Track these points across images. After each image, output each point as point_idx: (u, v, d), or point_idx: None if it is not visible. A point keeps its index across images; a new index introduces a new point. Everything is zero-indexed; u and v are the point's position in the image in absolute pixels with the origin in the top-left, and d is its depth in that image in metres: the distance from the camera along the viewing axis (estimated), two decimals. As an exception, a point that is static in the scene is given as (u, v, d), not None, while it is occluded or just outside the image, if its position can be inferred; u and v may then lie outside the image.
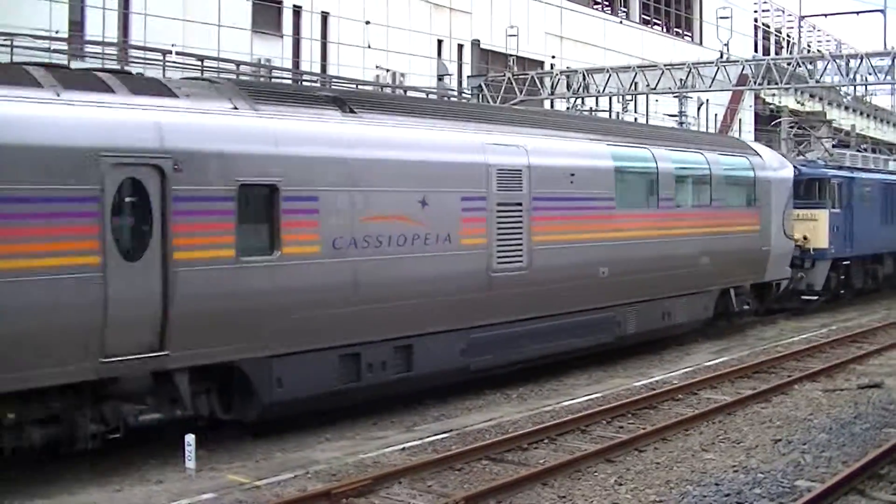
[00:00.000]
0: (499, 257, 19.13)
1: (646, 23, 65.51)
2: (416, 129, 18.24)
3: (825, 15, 75.82)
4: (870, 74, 42.81)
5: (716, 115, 67.71)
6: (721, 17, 55.88)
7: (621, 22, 61.02)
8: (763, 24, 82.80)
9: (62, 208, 12.90)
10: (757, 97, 71.61)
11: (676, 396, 19.27)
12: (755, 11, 79.47)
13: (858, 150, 49.52)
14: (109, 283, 13.21)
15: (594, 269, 21.55)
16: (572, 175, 21.17)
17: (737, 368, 22.02)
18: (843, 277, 34.75)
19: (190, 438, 14.06)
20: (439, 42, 49.14)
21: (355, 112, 17.25)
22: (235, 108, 15.34)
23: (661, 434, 16.14)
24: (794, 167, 31.65)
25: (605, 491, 13.22)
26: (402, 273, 17.21)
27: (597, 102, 50.72)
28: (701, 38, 68.90)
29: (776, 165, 29.83)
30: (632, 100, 54.48)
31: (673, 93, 46.77)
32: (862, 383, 20.56)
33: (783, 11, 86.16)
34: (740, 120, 71.02)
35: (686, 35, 69.68)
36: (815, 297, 33.44)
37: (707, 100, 64.02)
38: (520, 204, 19.62)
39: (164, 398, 14.38)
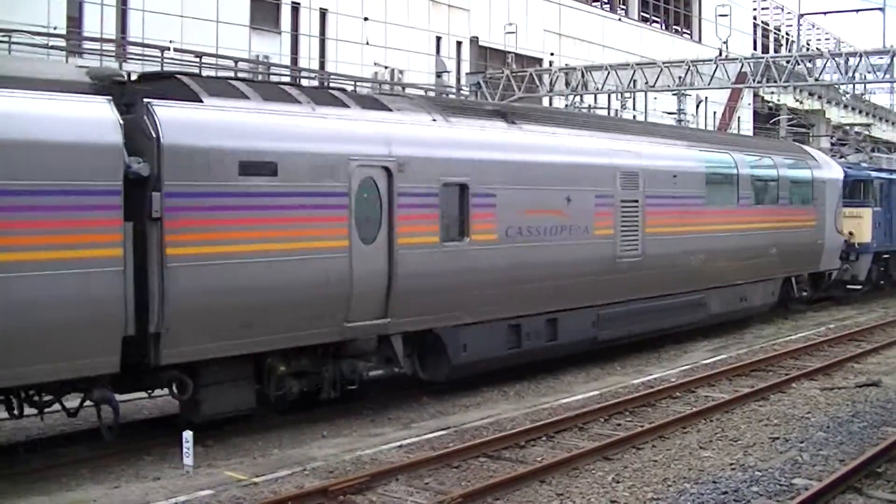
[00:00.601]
0: (621, 246, 22.67)
1: (644, 20, 65.52)
2: (561, 137, 21.79)
3: (824, 13, 75.85)
4: (869, 72, 42.84)
5: (714, 112, 67.74)
6: (720, 15, 56.08)
7: (620, 19, 61.06)
8: (762, 22, 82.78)
9: (326, 202, 16.16)
10: (756, 95, 71.66)
11: (674, 394, 19.28)
12: (754, 9, 79.46)
13: (858, 149, 49.71)
14: (353, 262, 16.41)
15: (689, 258, 25.09)
16: (674, 176, 24.75)
17: (735, 367, 22.01)
18: (882, 269, 37.78)
19: (187, 435, 14.07)
20: (438, 39, 49.13)
21: (516, 123, 20.82)
22: (434, 121, 18.85)
23: (659, 432, 16.14)
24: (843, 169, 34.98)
25: (602, 489, 13.22)
26: (553, 258, 20.61)
27: (595, 100, 50.77)
28: (700, 35, 68.91)
29: (829, 168, 33.55)
30: (630, 97, 54.49)
31: (671, 90, 46.84)
32: (860, 382, 20.57)
33: (782, 9, 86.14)
34: (739, 118, 71.02)
35: (685, 33, 69.69)
36: (859, 287, 36.20)
37: (706, 97, 64.05)
38: (636, 201, 23.13)
39: (382, 358, 17.77)
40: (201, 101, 14.98)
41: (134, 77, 16.36)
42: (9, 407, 14.02)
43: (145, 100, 14.20)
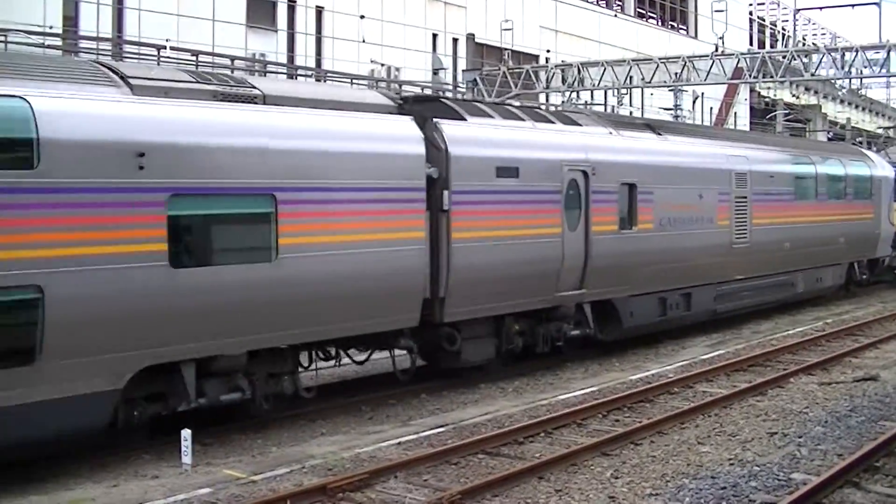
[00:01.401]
0: (735, 234, 27.62)
1: (640, 16, 65.57)
2: (695, 146, 27.05)
3: (820, 8, 75.66)
4: (865, 67, 42.82)
5: (711, 108, 67.81)
6: (716, 11, 55.88)
7: (616, 15, 61.05)
8: (758, 18, 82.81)
9: (548, 198, 20.82)
10: (752, 90, 71.64)
11: (672, 390, 19.30)
12: (750, 4, 79.48)
13: (854, 143, 50.01)
14: (564, 245, 21.10)
15: (782, 244, 30.02)
16: (771, 177, 29.81)
17: (732, 362, 22.03)
18: None
19: (186, 433, 14.10)
20: (434, 36, 49.14)
21: (661, 134, 25.95)
22: (610, 133, 23.78)
23: (657, 427, 16.17)
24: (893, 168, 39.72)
25: (601, 484, 13.25)
26: (690, 243, 25.54)
27: (592, 96, 50.79)
28: (696, 31, 68.92)
29: (882, 167, 38.51)
30: (626, 93, 54.47)
31: (668, 86, 46.84)
32: (857, 376, 20.59)
33: (778, 4, 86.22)
34: (735, 113, 71.08)
35: (681, 28, 69.74)
36: None
37: (702, 93, 64.09)
38: (745, 197, 28.06)
39: (576, 322, 22.21)
40: (465, 120, 19.64)
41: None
42: (328, 357, 18.17)
43: (434, 119, 18.73)
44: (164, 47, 33.91)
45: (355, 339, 17.97)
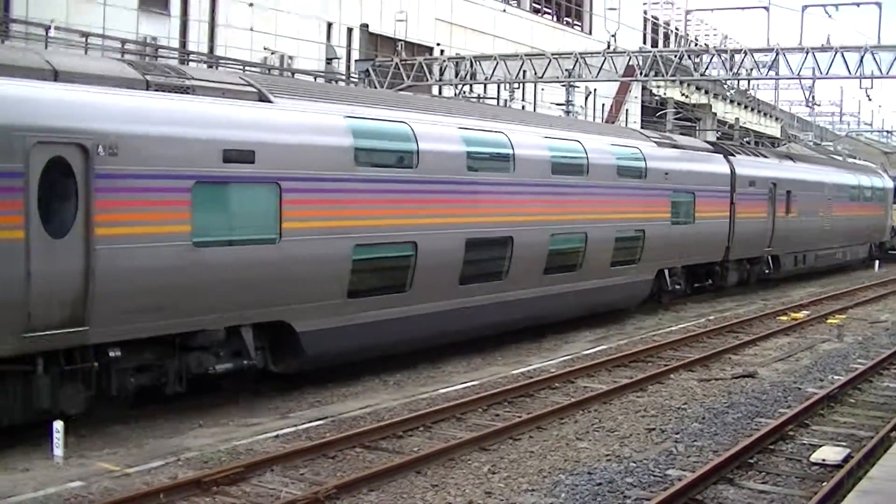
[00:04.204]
0: (824, 224, 44.25)
1: (536, 11, 65.75)
2: (822, 171, 46.55)
3: (712, 10, 76.81)
4: (753, 69, 43.52)
5: (603, 105, 68.26)
6: (610, 9, 56.29)
7: (505, 10, 61.11)
8: (652, 17, 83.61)
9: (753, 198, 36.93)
10: (644, 88, 72.32)
11: (553, 385, 19.36)
12: (644, 3, 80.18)
13: (742, 144, 51.70)
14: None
15: (837, 228, 46.19)
16: (832, 186, 46.51)
17: (614, 357, 22.21)
18: None
19: (58, 425, 13.78)
20: (329, 25, 48.80)
21: (795, 161, 44.00)
22: (765, 158, 39.93)
23: (537, 422, 16.19)
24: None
25: (478, 479, 13.22)
26: (813, 226, 43.05)
27: (485, 90, 50.80)
28: (590, 28, 69.36)
29: (886, 179, 56.41)
30: (519, 87, 54.63)
31: (560, 82, 46.99)
32: (736, 373, 20.91)
33: (672, 4, 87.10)
34: (627, 111, 71.65)
35: (576, 25, 70.09)
36: None
37: (594, 90, 64.48)
38: (830, 199, 45.36)
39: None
40: (735, 156, 36.18)
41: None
42: None
43: (728, 157, 35.48)
44: (50, 27, 33.20)
45: None
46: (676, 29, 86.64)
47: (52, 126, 13.92)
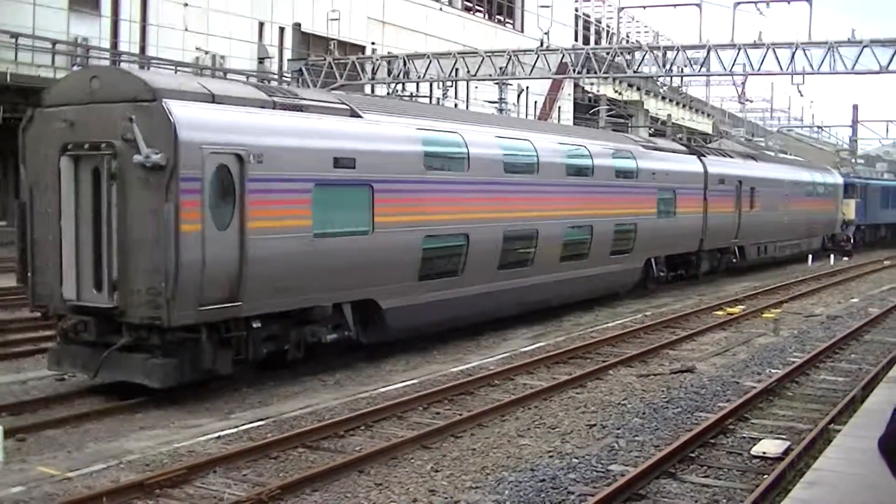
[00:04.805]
0: (787, 217, 48.09)
1: (468, 10, 65.88)
2: (778, 168, 51.24)
3: (644, 7, 77.25)
4: (685, 66, 43.84)
5: (535, 102, 68.53)
6: (542, 6, 56.54)
7: (441, 8, 61.17)
8: (583, 14, 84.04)
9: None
10: (576, 86, 72.71)
11: (493, 382, 19.30)
12: (576, 1, 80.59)
13: (674, 139, 51.82)
14: (740, 220, 41.90)
15: (798, 221, 50.37)
16: (797, 183, 51.95)
17: (553, 354, 22.18)
18: (861, 235, 65.00)
19: (-4, 430, 13.58)
20: (260, 25, 48.60)
21: (758, 161, 48.31)
22: (731, 158, 43.31)
23: (478, 420, 16.13)
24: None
25: (421, 478, 13.14)
26: (772, 219, 46.36)
27: (417, 88, 50.79)
28: (522, 26, 69.61)
29: (838, 177, 60.96)
30: (451, 86, 54.66)
31: (493, 79, 47.11)
32: (675, 368, 20.97)
33: (603, 2, 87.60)
34: (560, 108, 71.98)
35: (508, 23, 70.30)
36: (849, 243, 61.28)
37: (527, 87, 64.70)
38: (792, 195, 50.18)
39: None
40: (706, 156, 39.89)
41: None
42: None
43: (701, 157, 38.61)
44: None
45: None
46: (608, 26, 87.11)
47: (219, 140, 16.96)
